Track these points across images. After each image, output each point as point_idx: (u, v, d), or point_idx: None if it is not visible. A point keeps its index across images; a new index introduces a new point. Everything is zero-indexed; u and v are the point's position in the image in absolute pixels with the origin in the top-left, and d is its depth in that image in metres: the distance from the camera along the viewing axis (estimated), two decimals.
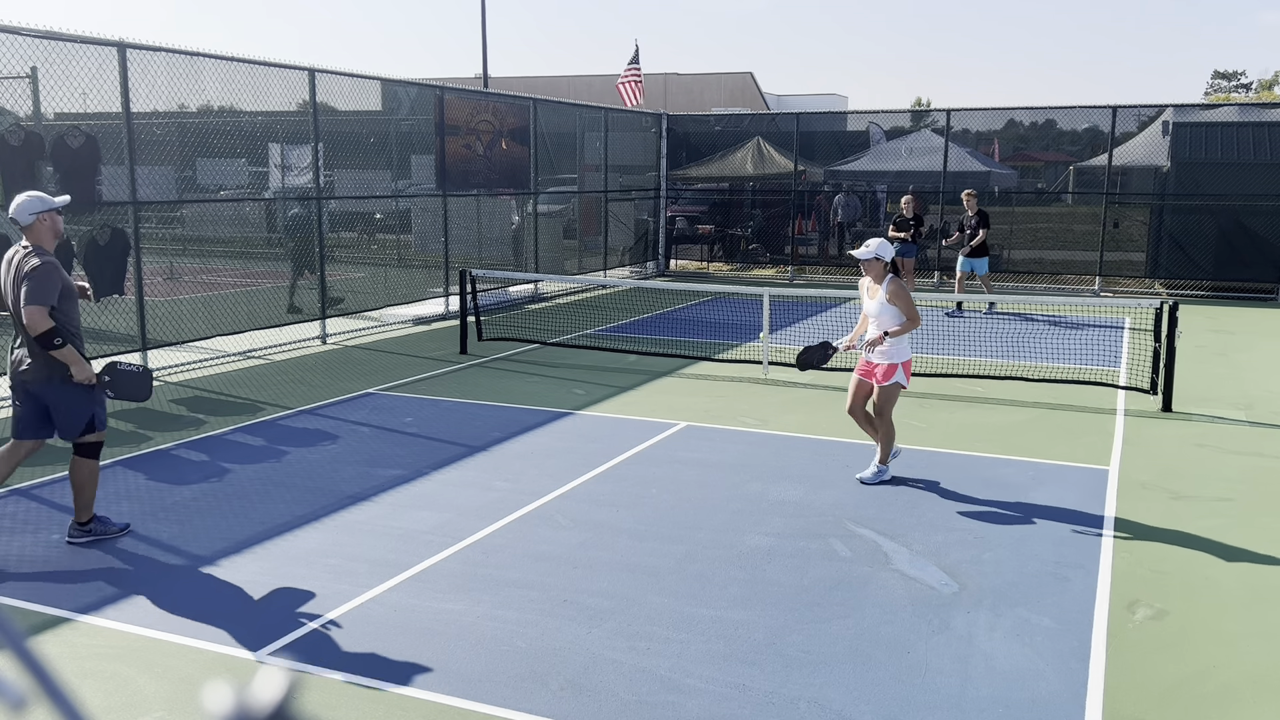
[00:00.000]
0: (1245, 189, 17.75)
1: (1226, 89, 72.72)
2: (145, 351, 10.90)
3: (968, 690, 4.39)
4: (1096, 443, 8.47)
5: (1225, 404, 9.91)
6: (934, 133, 20.87)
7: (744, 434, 8.70)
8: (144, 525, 6.39)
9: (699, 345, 12.76)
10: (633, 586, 5.45)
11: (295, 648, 4.74)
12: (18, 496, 6.96)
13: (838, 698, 4.32)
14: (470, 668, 4.56)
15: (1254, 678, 4.54)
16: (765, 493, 7.06)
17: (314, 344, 12.96)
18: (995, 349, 12.65)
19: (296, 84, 12.61)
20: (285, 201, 13.06)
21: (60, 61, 9.63)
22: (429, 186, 15.52)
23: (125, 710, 4.20)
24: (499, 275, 14.78)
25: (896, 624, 5.02)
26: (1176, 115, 18.84)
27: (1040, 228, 20.31)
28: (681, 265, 22.61)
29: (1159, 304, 9.83)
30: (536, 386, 10.44)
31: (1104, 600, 5.32)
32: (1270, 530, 6.46)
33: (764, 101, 41.00)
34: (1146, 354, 11.38)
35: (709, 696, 4.32)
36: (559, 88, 38.14)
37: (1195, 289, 18.25)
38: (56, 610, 5.14)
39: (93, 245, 10.27)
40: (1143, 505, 6.89)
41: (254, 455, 7.95)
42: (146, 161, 10.93)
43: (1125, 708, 4.27)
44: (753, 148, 21.40)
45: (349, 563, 5.75)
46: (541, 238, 17.78)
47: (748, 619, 5.07)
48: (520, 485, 7.18)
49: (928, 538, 6.21)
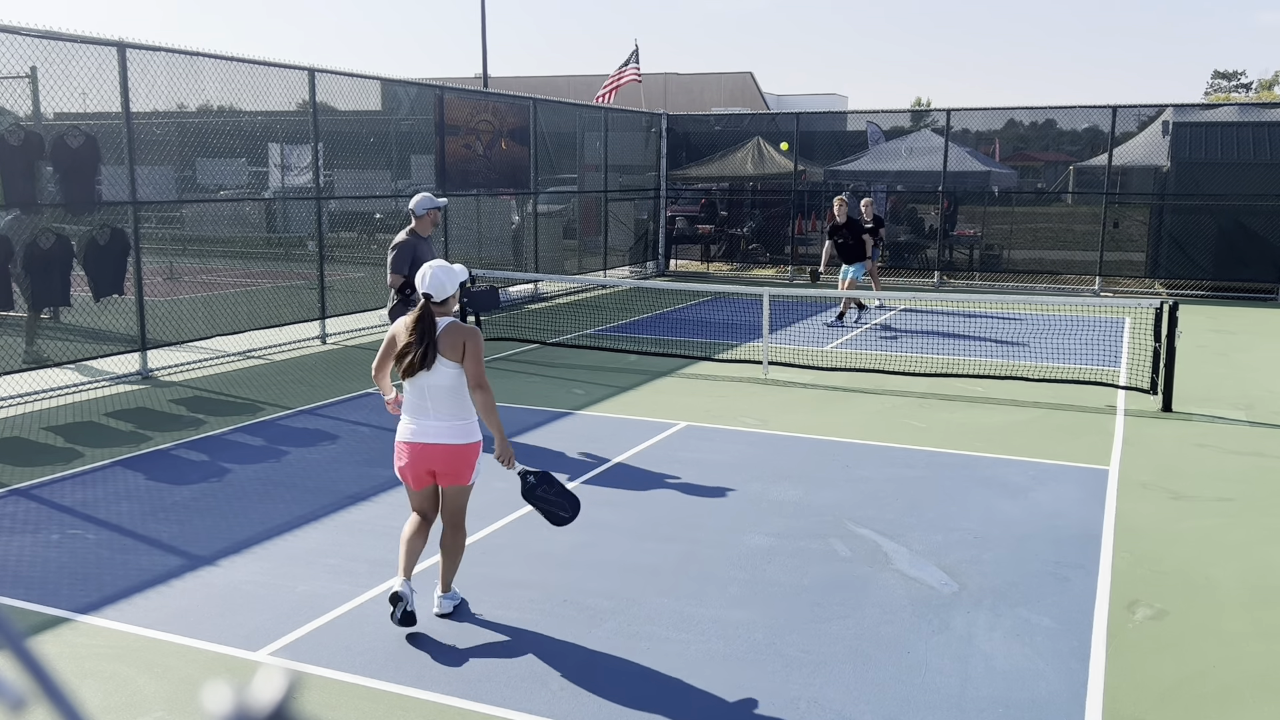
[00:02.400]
0: (1245, 189, 17.75)
1: (1226, 89, 72.71)
2: (145, 351, 10.91)
3: (968, 690, 4.38)
4: (1096, 443, 8.46)
5: (1225, 404, 9.91)
6: (934, 133, 20.87)
7: (744, 434, 8.70)
8: (144, 525, 6.38)
9: (699, 345, 12.76)
10: (633, 586, 5.45)
11: (295, 648, 4.73)
12: (17, 496, 6.96)
13: (838, 698, 4.32)
14: (470, 668, 4.56)
15: (1254, 678, 4.54)
16: (765, 493, 7.06)
17: (314, 344, 12.96)
18: (995, 349, 12.65)
19: (296, 84, 12.61)
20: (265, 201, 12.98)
21: (60, 61, 9.63)
22: (429, 186, 15.51)
23: (125, 710, 4.20)
24: (499, 275, 14.78)
25: (896, 624, 5.02)
26: (1176, 115, 18.84)
27: (1040, 228, 20.31)
28: (682, 265, 22.62)
29: (1159, 304, 9.83)
30: (536, 386, 10.44)
31: (1104, 600, 5.32)
32: (1270, 530, 6.46)
33: (764, 101, 40.99)
34: (1146, 354, 11.37)
35: (709, 696, 4.32)
36: (559, 88, 38.14)
37: (1195, 289, 18.25)
38: (56, 610, 5.14)
39: (93, 245, 10.27)
40: (1143, 505, 6.88)
41: (254, 455, 7.95)
42: (146, 161, 10.93)
43: (1125, 708, 4.27)
44: (753, 148, 21.40)
45: (349, 563, 5.75)
46: (541, 238, 17.78)
47: (748, 619, 5.06)
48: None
49: (928, 538, 6.21)
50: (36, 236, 9.74)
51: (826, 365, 11.21)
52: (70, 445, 8.25)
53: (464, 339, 4.82)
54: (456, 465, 4.89)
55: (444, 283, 4.83)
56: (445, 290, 4.84)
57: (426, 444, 4.87)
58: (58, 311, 10.38)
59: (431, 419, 4.88)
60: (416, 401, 4.91)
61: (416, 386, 4.88)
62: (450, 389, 4.84)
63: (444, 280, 4.84)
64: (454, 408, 4.88)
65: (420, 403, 4.89)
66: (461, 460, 4.90)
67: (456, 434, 4.86)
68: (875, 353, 12.41)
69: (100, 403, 9.75)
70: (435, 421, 4.87)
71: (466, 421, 4.92)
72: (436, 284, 4.81)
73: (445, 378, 4.84)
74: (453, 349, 4.80)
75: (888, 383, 10.66)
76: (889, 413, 9.46)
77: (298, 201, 13.26)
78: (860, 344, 13.13)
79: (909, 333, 14.07)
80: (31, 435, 8.57)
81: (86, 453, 8.00)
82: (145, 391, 10.25)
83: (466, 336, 4.83)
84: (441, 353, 4.81)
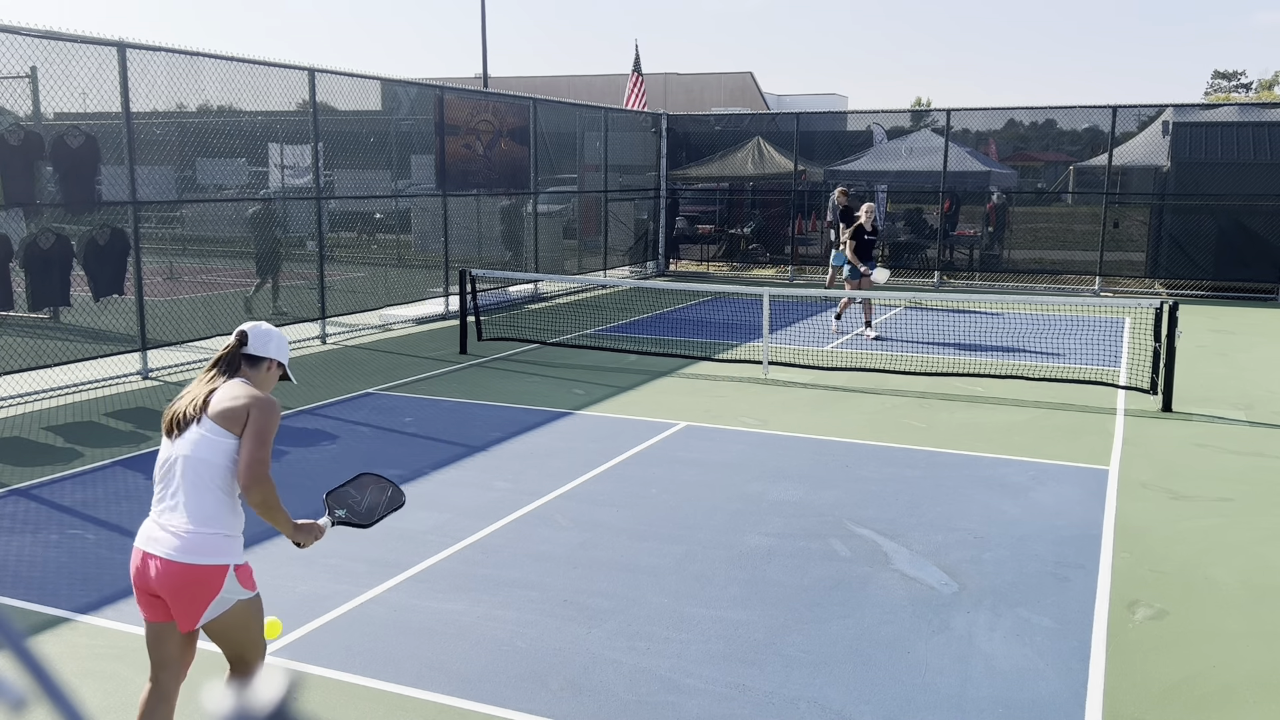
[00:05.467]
0: (1245, 189, 17.75)
1: (1226, 89, 72.72)
2: (145, 351, 10.91)
3: (968, 690, 4.38)
4: (1096, 443, 8.46)
5: (1225, 404, 9.91)
6: (934, 132, 20.87)
7: (744, 434, 8.70)
8: None
9: (699, 345, 12.76)
10: (633, 586, 5.45)
11: (295, 648, 4.73)
12: (17, 496, 6.96)
13: (838, 698, 4.32)
14: (470, 668, 4.56)
15: (1254, 678, 4.54)
16: (765, 493, 7.06)
17: (314, 344, 12.96)
18: (996, 349, 12.65)
19: (296, 84, 12.61)
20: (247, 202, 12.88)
21: (60, 61, 9.63)
22: (429, 186, 15.52)
23: (125, 710, 4.20)
24: (499, 275, 14.79)
25: (896, 624, 5.02)
26: (1176, 115, 18.84)
27: (1040, 228, 20.32)
28: (682, 265, 22.62)
29: (1159, 304, 9.83)
30: (536, 386, 10.44)
31: (1104, 600, 5.32)
32: (1270, 530, 6.46)
33: (764, 101, 40.99)
34: (1146, 354, 11.38)
35: (709, 696, 4.32)
36: (559, 88, 38.13)
37: (1195, 289, 18.25)
38: (56, 610, 5.14)
39: (92, 245, 10.27)
40: (1143, 505, 6.88)
41: None
42: (146, 161, 10.93)
43: (1125, 708, 4.27)
44: (753, 148, 21.40)
45: (349, 563, 5.75)
46: (541, 238, 17.79)
47: (748, 619, 5.06)
48: (520, 485, 7.17)
49: (928, 538, 6.21)
50: (36, 236, 9.74)
51: (826, 365, 11.21)
52: (70, 445, 8.25)
53: (250, 406, 3.40)
54: (188, 595, 3.32)
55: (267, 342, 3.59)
56: (266, 348, 3.57)
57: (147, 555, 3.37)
58: (58, 311, 10.38)
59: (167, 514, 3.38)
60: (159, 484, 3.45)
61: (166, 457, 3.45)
62: (208, 469, 3.35)
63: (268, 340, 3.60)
64: (200, 506, 3.34)
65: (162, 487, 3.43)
66: (195, 589, 3.32)
67: (191, 549, 3.31)
68: (875, 353, 12.41)
69: (100, 403, 9.75)
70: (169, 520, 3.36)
71: (212, 533, 3.34)
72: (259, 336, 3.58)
73: (207, 450, 3.35)
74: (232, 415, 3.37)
75: (888, 383, 10.66)
76: (889, 413, 9.46)
77: (298, 201, 13.25)
78: (860, 344, 13.13)
79: (910, 333, 14.07)
80: (31, 435, 8.57)
81: (86, 453, 8.00)
82: (145, 391, 10.25)
83: (256, 405, 3.41)
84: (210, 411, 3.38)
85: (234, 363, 3.53)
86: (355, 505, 3.86)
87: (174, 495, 3.36)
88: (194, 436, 3.37)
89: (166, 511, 3.36)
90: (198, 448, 3.35)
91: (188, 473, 3.35)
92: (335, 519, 3.79)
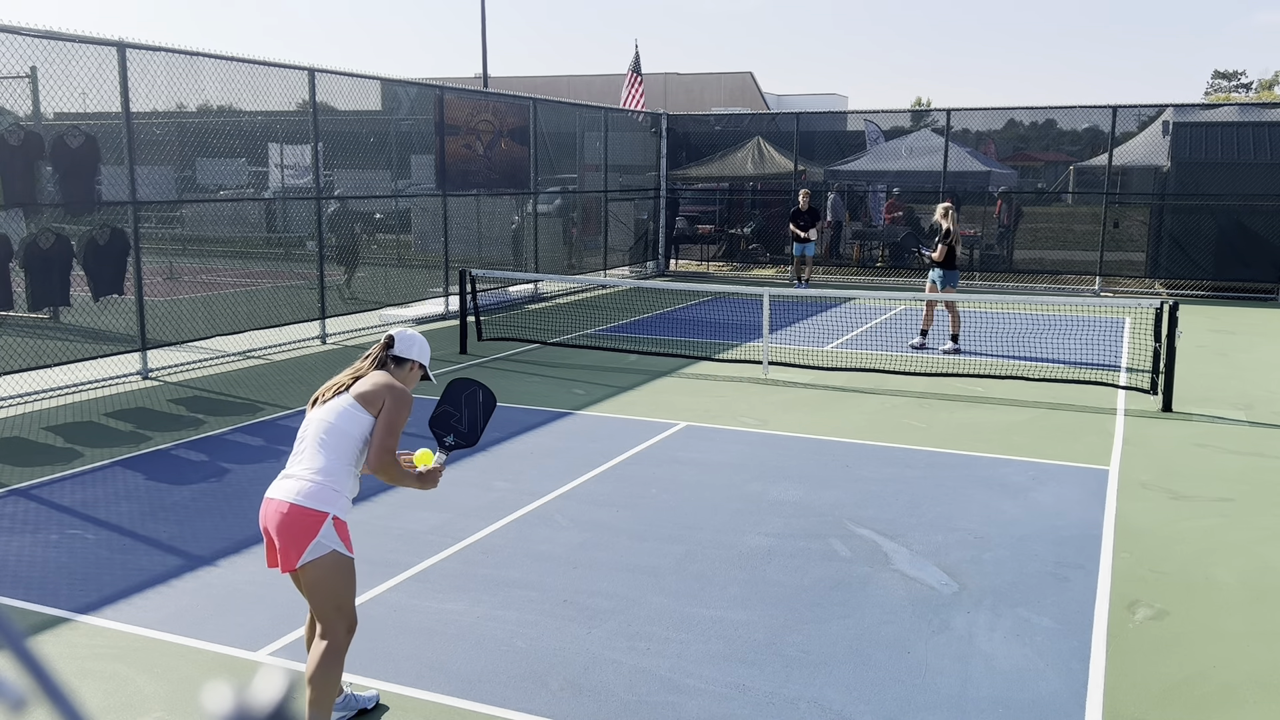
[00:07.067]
0: (1245, 189, 17.75)
1: (1226, 89, 72.72)
2: (145, 352, 10.91)
3: (968, 690, 4.38)
4: (1096, 443, 8.46)
5: (1225, 404, 9.91)
6: (934, 132, 20.87)
7: (744, 434, 8.70)
8: (144, 525, 6.38)
9: (699, 345, 12.76)
10: (633, 586, 5.45)
11: (295, 648, 4.73)
12: (17, 496, 6.96)
13: (838, 698, 4.32)
14: (470, 668, 4.56)
15: (1254, 678, 4.54)
16: (765, 493, 7.06)
17: (314, 344, 12.96)
18: (995, 349, 12.65)
19: (296, 84, 12.61)
20: (324, 201, 13.44)
21: (60, 61, 9.63)
22: (429, 186, 15.51)
23: (125, 710, 4.20)
24: (499, 275, 14.79)
25: (896, 624, 5.02)
26: (1176, 115, 18.84)
27: (1040, 228, 20.32)
28: (682, 265, 22.62)
29: (1159, 304, 9.83)
30: (536, 386, 10.44)
31: (1104, 600, 5.32)
32: (1270, 530, 6.46)
33: (764, 101, 40.99)
34: (1146, 354, 11.37)
35: (709, 696, 4.32)
36: (558, 88, 38.13)
37: (1195, 289, 18.25)
38: (56, 610, 5.14)
39: (92, 245, 10.26)
40: (1143, 505, 6.88)
41: (254, 455, 7.95)
42: (146, 161, 10.93)
43: (1125, 708, 4.27)
44: (753, 148, 21.40)
45: None
46: (541, 238, 17.79)
47: (748, 619, 5.06)
48: (520, 485, 7.17)
49: (928, 538, 6.21)
50: (36, 236, 9.74)
51: (826, 365, 11.21)
52: (70, 445, 8.25)
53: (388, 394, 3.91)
54: (291, 535, 3.75)
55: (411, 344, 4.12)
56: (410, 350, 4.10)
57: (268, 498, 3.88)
58: (58, 311, 10.38)
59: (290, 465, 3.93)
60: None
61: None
62: (337, 434, 3.86)
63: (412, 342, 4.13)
64: (320, 460, 3.83)
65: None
66: (298, 529, 3.73)
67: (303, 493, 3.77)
68: (875, 353, 12.41)
69: (100, 403, 9.75)
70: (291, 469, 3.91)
71: (323, 482, 3.79)
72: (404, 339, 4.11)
73: (343, 420, 3.87)
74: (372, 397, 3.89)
75: (888, 383, 10.66)
76: (889, 413, 9.46)
77: (298, 201, 13.25)
78: (860, 344, 13.13)
79: (910, 333, 14.06)
80: (31, 435, 8.57)
81: (86, 453, 8.00)
82: (145, 391, 10.25)
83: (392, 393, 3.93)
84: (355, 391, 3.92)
85: (382, 363, 4.05)
86: (459, 426, 4.19)
87: (302, 451, 3.88)
88: (335, 406, 3.88)
89: (292, 463, 3.87)
90: (336, 416, 3.85)
91: (319, 434, 3.85)
92: (447, 449, 4.15)
